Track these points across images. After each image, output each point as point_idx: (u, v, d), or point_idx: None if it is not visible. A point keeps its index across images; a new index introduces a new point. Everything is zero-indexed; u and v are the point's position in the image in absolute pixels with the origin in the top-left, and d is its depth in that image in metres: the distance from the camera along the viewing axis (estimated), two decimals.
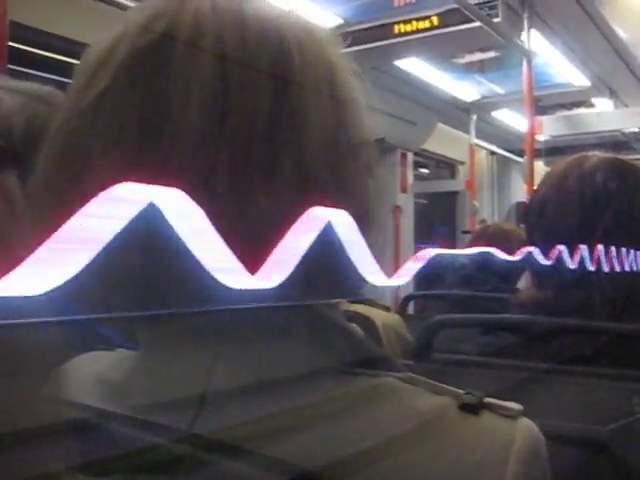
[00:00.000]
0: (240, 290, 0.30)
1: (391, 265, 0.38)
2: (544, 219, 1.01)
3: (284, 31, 0.42)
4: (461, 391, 0.42)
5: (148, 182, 0.36)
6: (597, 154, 1.05)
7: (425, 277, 0.49)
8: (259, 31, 0.41)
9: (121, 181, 0.33)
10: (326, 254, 0.35)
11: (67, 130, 0.41)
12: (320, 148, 0.41)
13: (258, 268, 0.31)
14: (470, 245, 2.11)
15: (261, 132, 0.39)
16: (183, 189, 0.36)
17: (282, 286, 0.31)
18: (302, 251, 0.32)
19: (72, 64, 0.44)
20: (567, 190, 0.99)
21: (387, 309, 1.80)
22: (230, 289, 0.29)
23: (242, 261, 0.30)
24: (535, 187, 1.11)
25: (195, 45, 0.40)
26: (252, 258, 0.31)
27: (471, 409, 0.41)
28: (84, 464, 0.33)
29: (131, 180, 0.36)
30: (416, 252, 0.45)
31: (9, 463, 0.31)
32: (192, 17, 0.40)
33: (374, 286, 0.39)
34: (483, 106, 5.48)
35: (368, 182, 0.44)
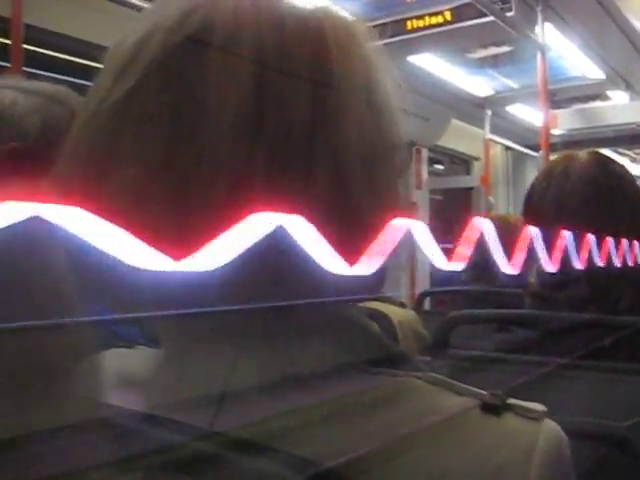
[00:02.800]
0: None
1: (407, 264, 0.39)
2: (537, 209, 1.04)
3: (323, 28, 0.41)
4: (483, 392, 0.42)
5: (178, 183, 0.37)
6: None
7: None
8: (298, 28, 0.40)
9: (151, 181, 0.34)
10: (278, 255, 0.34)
11: (94, 127, 0.40)
12: (356, 152, 0.40)
13: None
14: None
15: (299, 133, 0.38)
16: (216, 191, 0.36)
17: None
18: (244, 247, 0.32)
19: (87, 65, 0.43)
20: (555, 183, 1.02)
21: (403, 305, 1.79)
22: None
23: None
24: None
25: (233, 42, 0.38)
26: None
27: (493, 410, 0.40)
28: (107, 462, 0.33)
29: (164, 180, 0.36)
30: None
31: (32, 461, 0.32)
32: (230, 13, 0.39)
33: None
34: (497, 101, 5.44)
35: (399, 186, 0.44)
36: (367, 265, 0.37)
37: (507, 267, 0.61)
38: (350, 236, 0.37)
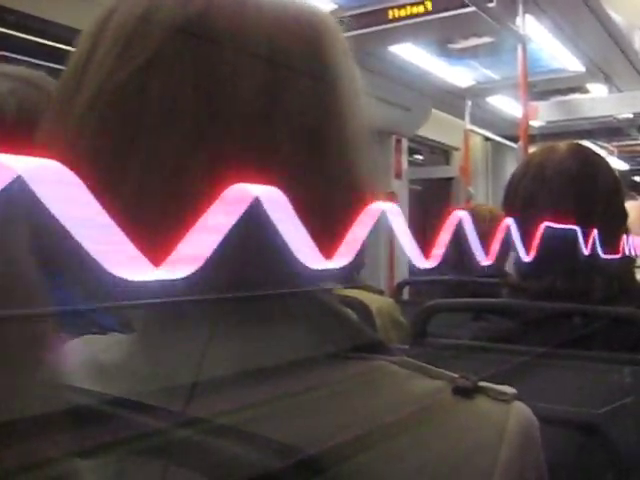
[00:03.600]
0: None
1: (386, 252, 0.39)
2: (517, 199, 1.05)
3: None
4: (455, 375, 0.42)
5: (208, 159, 0.36)
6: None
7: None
8: (297, 14, 0.42)
9: (180, 157, 0.34)
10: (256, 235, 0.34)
11: (100, 107, 0.38)
12: (351, 136, 0.42)
13: None
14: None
15: (250, 113, 0.38)
16: (244, 169, 0.36)
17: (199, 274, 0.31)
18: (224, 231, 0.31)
19: (61, 50, 0.42)
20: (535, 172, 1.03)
21: (381, 293, 1.80)
22: None
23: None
24: None
25: (240, 19, 0.39)
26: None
27: (465, 393, 0.41)
28: (80, 447, 0.33)
29: (190, 157, 0.36)
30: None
31: (6, 450, 0.32)
32: None
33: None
34: (478, 92, 5.46)
35: (373, 173, 0.45)
36: (344, 255, 0.37)
37: (484, 258, 0.61)
38: (322, 224, 0.37)
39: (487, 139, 6.65)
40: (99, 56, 0.39)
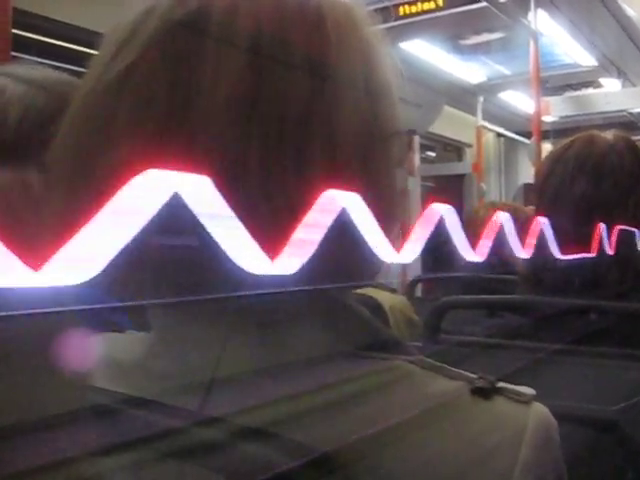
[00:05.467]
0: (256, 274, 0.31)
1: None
2: (548, 193, 1.02)
3: (322, 12, 0.40)
4: (474, 375, 0.42)
5: (174, 161, 0.37)
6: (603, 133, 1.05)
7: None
8: (296, 12, 0.40)
9: (146, 159, 0.34)
10: (342, 238, 0.35)
11: (90, 104, 0.39)
12: (352, 137, 0.40)
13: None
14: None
15: (294, 116, 0.38)
16: (210, 171, 0.36)
17: (299, 271, 0.32)
18: (319, 236, 0.32)
19: (80, 52, 0.43)
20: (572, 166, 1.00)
21: (393, 291, 1.80)
22: (246, 272, 0.30)
23: (267, 246, 0.31)
24: None
25: (230, 22, 0.38)
26: (278, 243, 0.32)
27: (483, 394, 0.41)
28: (99, 446, 0.33)
29: (157, 159, 0.36)
30: None
31: (22, 449, 0.32)
32: None
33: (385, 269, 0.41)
34: (490, 88, 5.44)
35: (396, 175, 0.44)
36: (410, 253, 0.40)
37: (521, 252, 0.62)
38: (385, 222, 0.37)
39: (499, 135, 6.62)
40: (99, 59, 0.40)
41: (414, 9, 3.57)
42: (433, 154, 6.46)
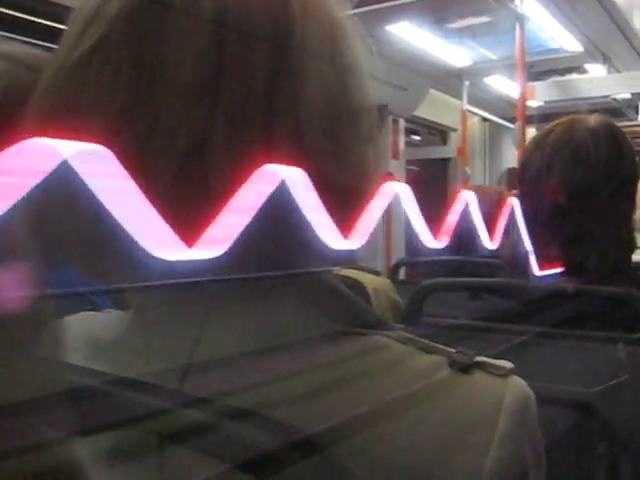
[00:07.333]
0: None
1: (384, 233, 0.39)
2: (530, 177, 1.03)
3: None
4: (453, 350, 0.42)
5: (139, 139, 0.36)
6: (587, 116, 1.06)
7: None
8: None
9: (111, 138, 0.33)
10: (282, 215, 0.34)
11: (60, 79, 0.40)
12: (319, 113, 0.40)
13: None
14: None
15: (258, 93, 0.38)
16: (173, 149, 0.36)
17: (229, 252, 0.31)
18: (249, 217, 0.32)
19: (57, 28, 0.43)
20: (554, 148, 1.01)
21: (377, 274, 1.80)
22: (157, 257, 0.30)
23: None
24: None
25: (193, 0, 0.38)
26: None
27: (462, 368, 0.41)
28: (76, 425, 0.33)
29: (124, 134, 0.36)
30: None
31: (2, 429, 0.32)
32: None
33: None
34: (475, 72, 5.43)
35: (368, 151, 0.44)
36: (361, 235, 0.38)
37: (488, 240, 0.61)
38: (337, 204, 0.37)
39: (485, 120, 6.62)
40: (67, 35, 0.41)
41: None
42: (418, 138, 6.45)
